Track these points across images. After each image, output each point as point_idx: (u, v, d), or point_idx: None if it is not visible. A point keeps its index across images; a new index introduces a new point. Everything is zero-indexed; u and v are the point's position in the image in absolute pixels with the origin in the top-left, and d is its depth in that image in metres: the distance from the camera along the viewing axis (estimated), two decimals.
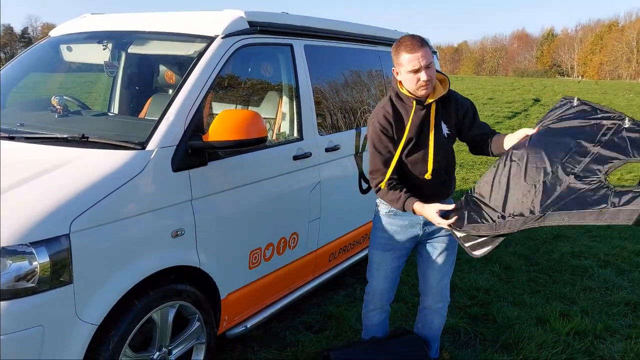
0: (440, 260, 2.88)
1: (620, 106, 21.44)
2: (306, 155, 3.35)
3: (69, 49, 3.48)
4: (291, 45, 3.40)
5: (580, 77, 77.83)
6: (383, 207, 2.86)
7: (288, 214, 3.28)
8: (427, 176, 2.71)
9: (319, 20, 3.71)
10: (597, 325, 3.69)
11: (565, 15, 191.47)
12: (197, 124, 2.62)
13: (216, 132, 2.55)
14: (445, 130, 2.71)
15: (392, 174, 2.66)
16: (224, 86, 3.40)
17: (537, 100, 23.26)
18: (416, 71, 2.51)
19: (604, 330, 3.66)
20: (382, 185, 2.68)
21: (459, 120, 2.74)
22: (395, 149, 2.65)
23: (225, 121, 2.56)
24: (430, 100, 2.62)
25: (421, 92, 2.57)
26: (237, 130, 2.55)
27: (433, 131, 2.65)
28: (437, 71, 2.67)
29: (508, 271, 4.68)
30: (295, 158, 3.28)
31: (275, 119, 3.52)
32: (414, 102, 2.61)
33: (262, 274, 3.12)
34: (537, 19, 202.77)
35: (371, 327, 3.05)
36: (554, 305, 3.99)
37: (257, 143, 2.64)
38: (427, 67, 2.51)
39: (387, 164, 2.66)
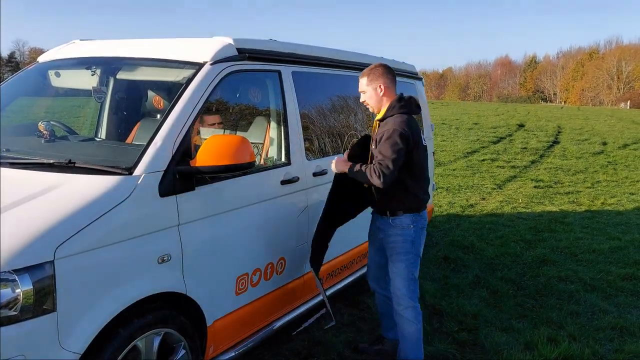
0: (390, 262, 3.28)
1: (602, 132, 21.85)
2: (294, 180, 3.36)
3: (57, 75, 3.48)
4: (279, 72, 3.44)
5: (562, 103, 79.24)
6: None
7: (275, 238, 3.26)
8: (365, 184, 3.18)
9: (306, 47, 3.77)
10: (584, 350, 3.69)
11: (547, 42, 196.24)
12: (185, 149, 2.62)
13: (204, 157, 2.55)
14: (374, 147, 3.20)
15: None
16: (213, 112, 3.41)
17: (521, 126, 23.60)
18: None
19: (592, 355, 3.66)
20: None
21: (375, 145, 3.16)
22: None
23: (213, 146, 2.57)
24: (377, 119, 3.27)
25: (371, 110, 3.33)
26: (225, 155, 2.55)
27: (373, 145, 3.21)
28: (394, 95, 3.24)
29: (496, 296, 4.68)
30: (283, 182, 3.28)
31: (263, 143, 3.54)
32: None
33: (249, 300, 3.09)
34: (520, 46, 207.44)
35: (377, 303, 3.65)
36: (542, 330, 3.99)
37: (244, 168, 2.65)
38: (362, 92, 3.28)
39: None
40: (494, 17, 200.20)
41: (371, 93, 3.25)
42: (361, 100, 3.33)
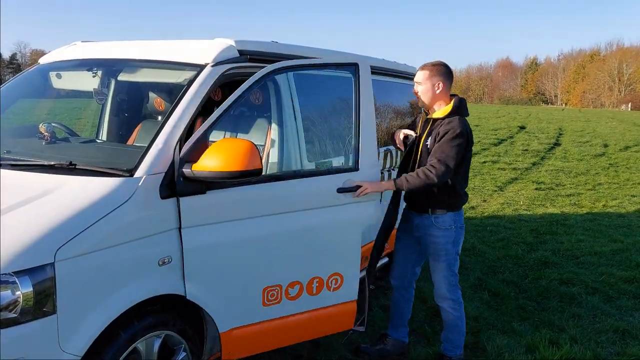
0: (431, 260, 3.42)
1: (604, 134, 21.83)
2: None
3: (59, 76, 3.47)
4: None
5: (564, 105, 79.18)
6: None
7: (327, 252, 3.06)
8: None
9: (307, 49, 3.75)
10: (586, 353, 3.68)
11: (548, 44, 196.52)
12: (187, 151, 2.58)
13: (209, 161, 2.45)
14: (428, 144, 3.29)
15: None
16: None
17: (522, 128, 23.59)
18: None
19: (593, 358, 3.65)
20: None
21: (433, 142, 3.25)
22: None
23: (221, 151, 2.46)
24: (431, 116, 3.34)
25: (419, 102, 3.39)
26: (234, 161, 2.44)
27: (422, 141, 3.32)
28: (448, 95, 3.34)
29: (497, 298, 4.67)
30: (340, 190, 3.07)
31: (264, 146, 3.52)
32: (424, 112, 3.47)
33: (283, 314, 2.93)
34: (521, 48, 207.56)
35: (393, 300, 3.67)
36: (543, 333, 3.97)
37: (251, 175, 2.50)
38: (418, 83, 3.33)
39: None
40: (495, 19, 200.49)
41: (428, 87, 3.29)
42: (415, 89, 3.37)
